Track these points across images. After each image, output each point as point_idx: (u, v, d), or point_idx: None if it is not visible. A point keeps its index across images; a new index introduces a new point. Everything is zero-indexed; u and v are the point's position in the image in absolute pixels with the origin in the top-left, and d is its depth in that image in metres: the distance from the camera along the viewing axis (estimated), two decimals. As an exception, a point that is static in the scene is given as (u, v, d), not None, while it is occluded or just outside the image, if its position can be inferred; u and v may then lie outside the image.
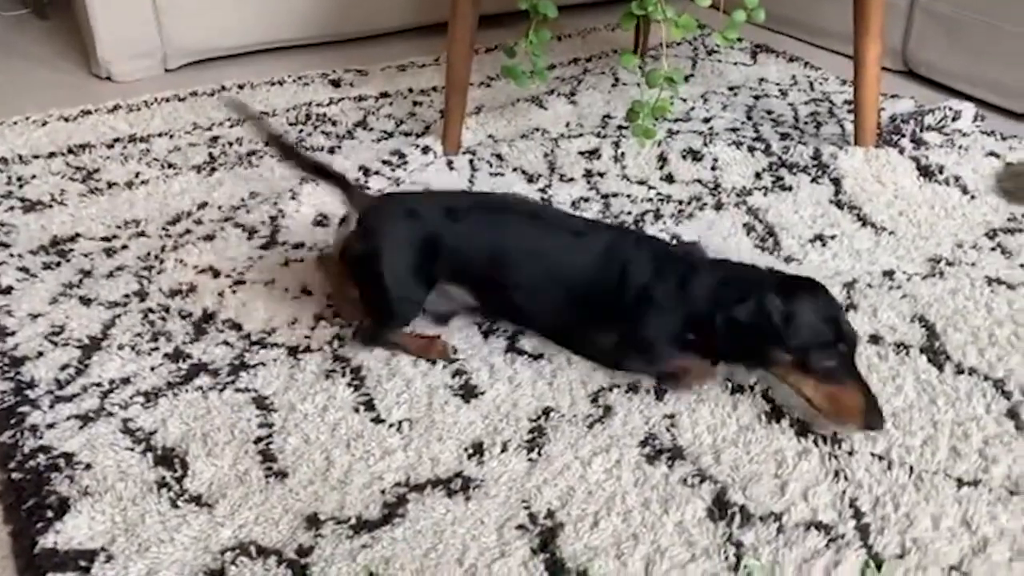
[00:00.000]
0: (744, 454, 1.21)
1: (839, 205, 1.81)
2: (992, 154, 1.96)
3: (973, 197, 1.83)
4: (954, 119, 2.10)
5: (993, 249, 1.67)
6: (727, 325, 1.27)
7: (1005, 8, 2.20)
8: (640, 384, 1.34)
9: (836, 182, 1.88)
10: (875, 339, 1.43)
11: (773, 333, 1.23)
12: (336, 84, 2.45)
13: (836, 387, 1.22)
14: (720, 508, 1.13)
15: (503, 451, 1.22)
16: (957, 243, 1.69)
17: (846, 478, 1.17)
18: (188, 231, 1.75)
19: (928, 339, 1.43)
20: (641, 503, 1.14)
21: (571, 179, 1.93)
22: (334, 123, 2.21)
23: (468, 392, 1.33)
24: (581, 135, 2.09)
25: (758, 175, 1.92)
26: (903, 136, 2.03)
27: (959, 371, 1.36)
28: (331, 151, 2.06)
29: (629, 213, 1.80)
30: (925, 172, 1.90)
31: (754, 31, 2.72)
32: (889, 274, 1.60)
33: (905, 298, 1.53)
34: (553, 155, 2.01)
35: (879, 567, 1.04)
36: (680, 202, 1.84)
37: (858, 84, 1.94)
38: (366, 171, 1.92)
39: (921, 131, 2.05)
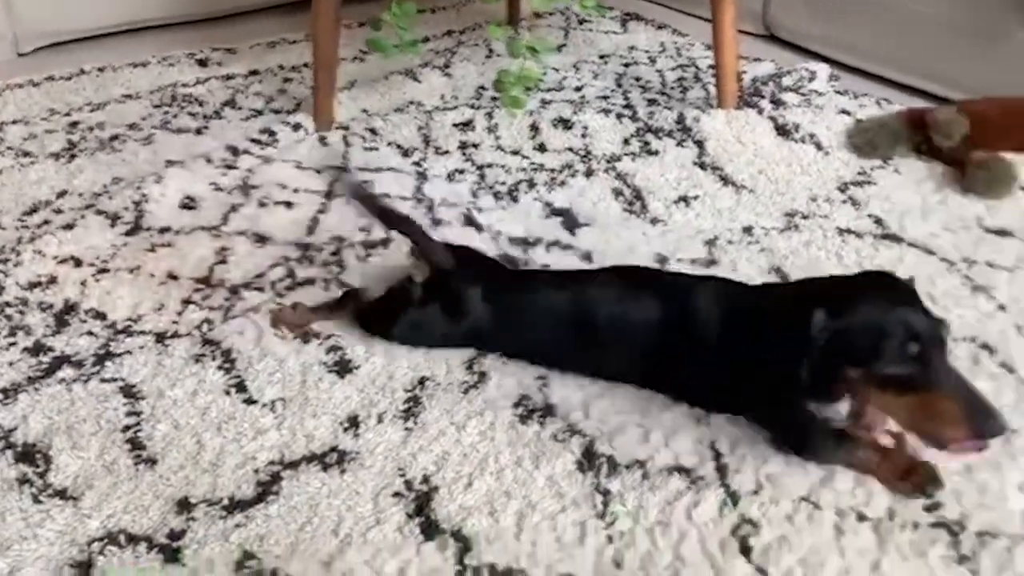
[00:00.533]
0: (611, 407, 1.26)
1: (703, 166, 1.88)
2: (844, 112, 2.07)
3: (827, 153, 1.93)
4: (810, 80, 2.21)
5: (844, 202, 1.77)
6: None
7: (853, -27, 2.32)
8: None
9: (700, 144, 1.95)
10: (735, 292, 1.50)
11: (820, 347, 1.06)
12: (203, 63, 2.38)
13: (921, 395, 1.03)
14: (589, 460, 1.17)
15: (379, 422, 1.23)
16: (811, 197, 1.78)
17: (707, 424, 1.23)
18: (47, 221, 1.68)
19: (783, 289, 1.51)
20: (514, 461, 1.17)
21: (446, 151, 1.94)
22: (201, 103, 2.15)
23: (343, 367, 1.33)
24: (456, 107, 2.10)
25: (626, 141, 1.97)
26: (763, 98, 2.12)
27: (811, 317, 1.44)
28: (198, 132, 2.01)
29: (503, 183, 1.82)
30: (782, 131, 1.99)
31: (625, 0, 2.78)
32: (748, 230, 1.67)
33: (763, 251, 1.61)
34: (428, 128, 2.02)
35: (735, 503, 1.11)
36: (552, 170, 1.87)
37: (716, 47, 2.01)
38: (235, 151, 1.88)
39: (780, 92, 2.14)
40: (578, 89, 2.22)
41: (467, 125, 2.02)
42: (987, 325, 1.41)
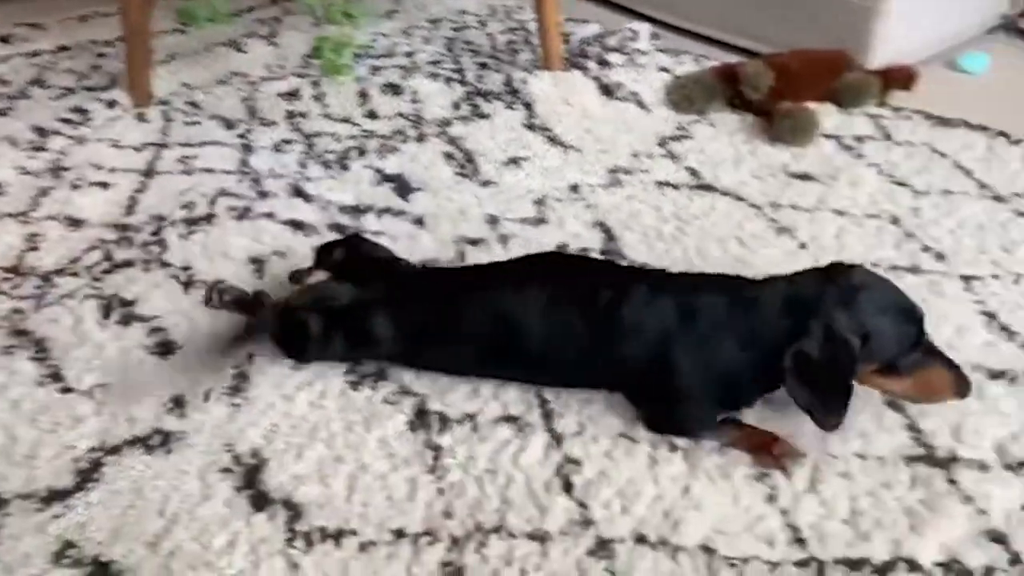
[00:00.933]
0: (442, 367, 1.29)
1: (531, 128, 1.93)
2: (664, 70, 2.16)
3: (648, 111, 2.02)
4: (633, 40, 2.29)
5: (664, 156, 1.85)
6: (797, 365, 1.07)
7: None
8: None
9: (528, 106, 1.99)
10: (561, 248, 1.55)
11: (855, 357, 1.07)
12: (5, 40, 2.22)
13: (922, 375, 1.12)
14: (420, 418, 1.20)
15: (205, 400, 1.21)
16: (633, 154, 1.86)
17: (534, 374, 1.28)
18: None
19: (606, 241, 1.58)
20: (345, 427, 1.18)
21: (272, 122, 1.90)
22: (5, 83, 2.02)
23: (166, 349, 1.30)
24: (282, 77, 2.06)
25: (456, 105, 1.99)
26: (588, 58, 2.19)
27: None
28: (2, 113, 1.88)
29: (333, 152, 1.81)
30: (607, 91, 2.06)
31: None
32: (575, 188, 1.73)
33: (589, 207, 1.67)
34: (253, 99, 1.97)
35: (559, 443, 1.16)
36: (383, 137, 1.87)
37: (539, 10, 2.05)
38: (43, 132, 1.78)
39: (605, 53, 2.21)
40: (408, 55, 2.22)
41: (293, 95, 1.98)
42: (789, 262, 1.52)
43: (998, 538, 1.04)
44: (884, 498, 1.09)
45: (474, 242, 1.55)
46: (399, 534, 1.04)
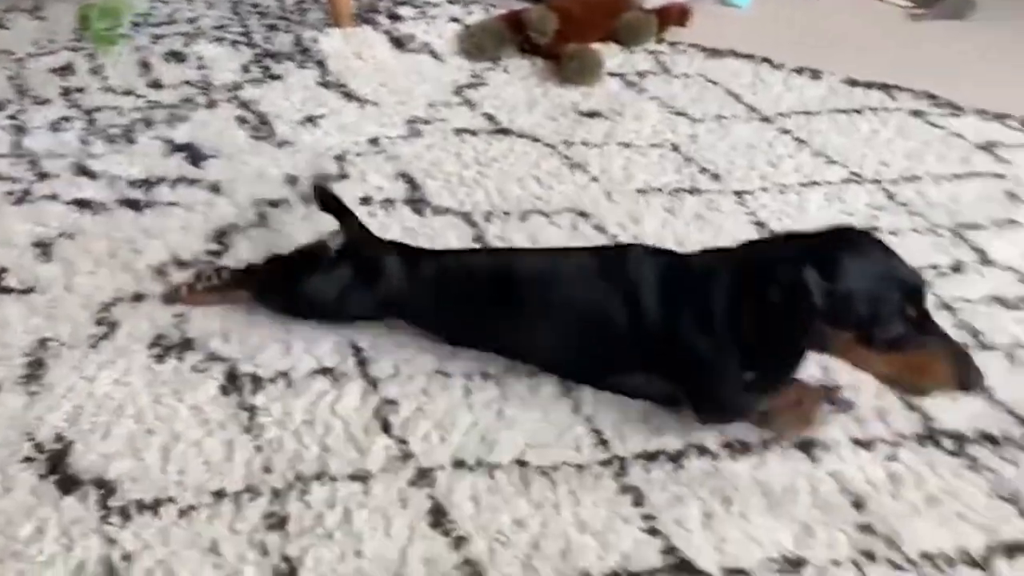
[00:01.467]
0: (251, 330, 1.28)
1: (326, 85, 1.91)
2: (454, 20, 2.19)
3: (442, 61, 2.05)
4: (423, -8, 2.30)
5: (460, 104, 1.90)
6: (759, 311, 1.01)
7: None
8: (145, 293, 1.33)
9: (321, 64, 1.97)
10: (365, 200, 1.57)
11: (820, 313, 0.97)
12: None
13: (911, 354, 1.01)
14: (232, 382, 1.19)
15: (-4, 393, 1.15)
16: (430, 104, 1.89)
17: (348, 328, 1.30)
18: None
19: (410, 191, 1.60)
20: (153, 400, 1.16)
21: (46, 100, 1.79)
22: None
23: (-54, 345, 1.22)
24: (52, 52, 1.93)
25: (246, 68, 1.94)
26: (379, 13, 2.18)
27: (436, 212, 1.55)
28: None
29: (117, 126, 1.72)
30: (399, 43, 2.07)
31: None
32: (374, 141, 1.74)
33: (389, 159, 1.69)
34: (21, 77, 1.84)
35: (375, 387, 1.19)
36: (171, 106, 1.80)
37: (322, -33, 2.03)
38: None
39: (395, 6, 2.22)
40: (191, 20, 2.14)
41: (67, 69, 1.87)
42: (582, 195, 1.61)
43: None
44: (675, 395, 1.20)
45: (275, 203, 1.54)
46: (219, 495, 1.04)
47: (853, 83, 2.01)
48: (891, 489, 1.08)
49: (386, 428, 1.14)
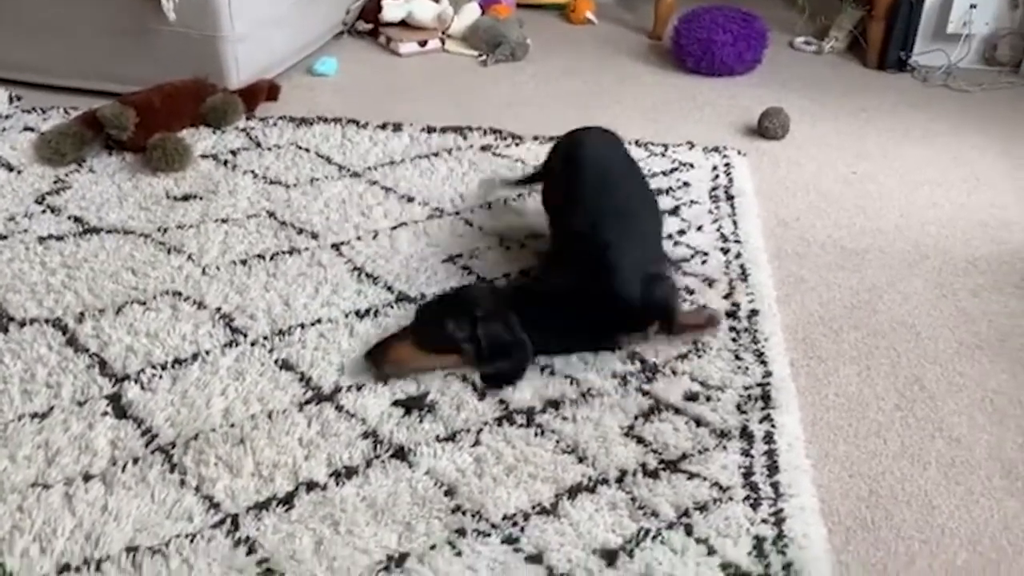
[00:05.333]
0: None
1: None
2: (29, 128, 2.12)
3: (19, 172, 1.97)
4: (-12, 105, 2.19)
5: (43, 212, 1.84)
6: None
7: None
8: None
9: None
10: (-62, 330, 1.47)
11: None
12: None
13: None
14: None
15: None
16: (10, 217, 1.81)
17: None
18: None
19: (-10, 310, 1.53)
20: None
21: None
22: None
23: None
24: None
25: None
26: (-61, 133, 2.05)
27: (22, 324, 1.50)
28: None
29: None
30: (-37, 162, 1.96)
31: None
32: (-55, 267, 1.64)
33: (-36, 283, 1.60)
34: None
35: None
36: None
37: None
38: None
39: (-42, 125, 2.09)
40: None
41: None
42: (178, 276, 1.64)
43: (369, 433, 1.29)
44: (283, 442, 1.27)
45: None
46: None
47: (431, 130, 2.24)
48: (476, 470, 1.24)
49: (-23, 559, 1.09)
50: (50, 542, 1.11)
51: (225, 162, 2.06)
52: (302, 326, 1.51)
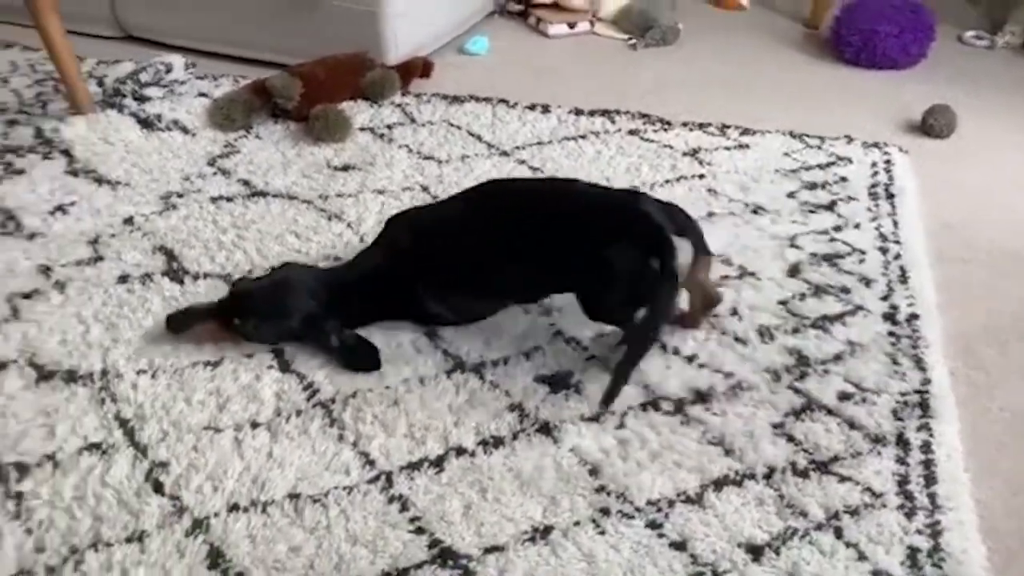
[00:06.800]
0: (12, 419, 1.28)
1: (74, 173, 1.92)
2: (203, 95, 2.25)
3: (193, 135, 2.10)
4: (168, 72, 2.34)
5: (215, 174, 1.96)
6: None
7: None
8: None
9: (67, 153, 1.97)
10: (123, 279, 1.59)
11: None
12: None
13: None
14: (-6, 474, 1.20)
15: None
16: (184, 177, 1.94)
17: (113, 400, 1.33)
18: None
19: (168, 263, 1.64)
20: (-92, 507, 1.14)
21: None
22: None
23: None
24: None
25: (-17, 167, 1.91)
26: (125, 96, 2.20)
27: (196, 278, 1.61)
28: None
29: None
30: (147, 124, 2.10)
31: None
32: (129, 220, 1.77)
33: (145, 236, 1.72)
34: None
35: (144, 454, 1.23)
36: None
37: (53, 57, 2.03)
38: None
39: (141, 88, 2.24)
40: (-80, 125, 2.07)
41: None
42: (338, 243, 1.72)
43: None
44: (434, 407, 1.32)
45: (28, 295, 1.54)
46: (-12, 584, 1.05)
47: (579, 112, 2.25)
48: (621, 452, 1.25)
49: (158, 489, 1.18)
50: (221, 482, 1.19)
51: (382, 135, 2.13)
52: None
